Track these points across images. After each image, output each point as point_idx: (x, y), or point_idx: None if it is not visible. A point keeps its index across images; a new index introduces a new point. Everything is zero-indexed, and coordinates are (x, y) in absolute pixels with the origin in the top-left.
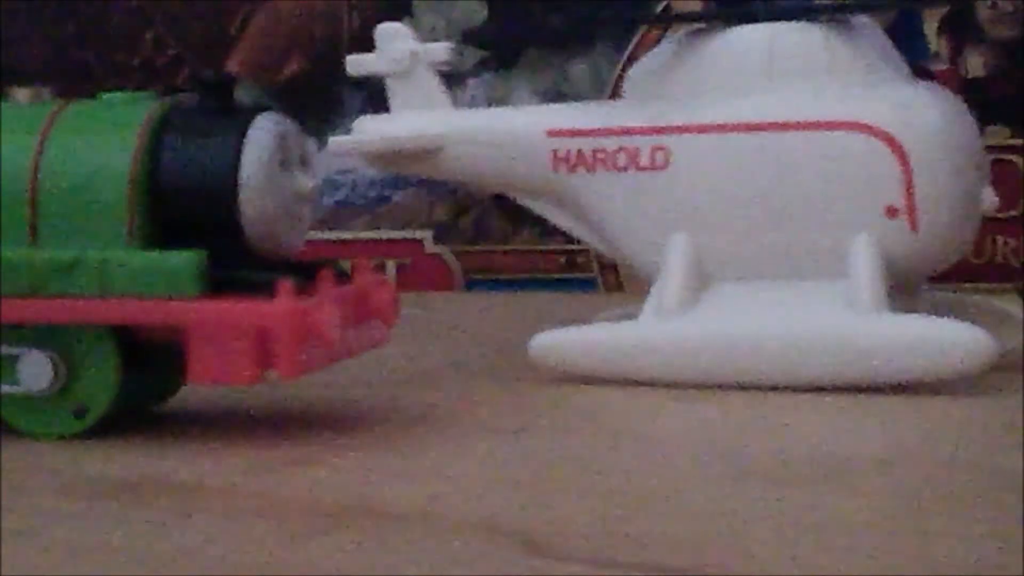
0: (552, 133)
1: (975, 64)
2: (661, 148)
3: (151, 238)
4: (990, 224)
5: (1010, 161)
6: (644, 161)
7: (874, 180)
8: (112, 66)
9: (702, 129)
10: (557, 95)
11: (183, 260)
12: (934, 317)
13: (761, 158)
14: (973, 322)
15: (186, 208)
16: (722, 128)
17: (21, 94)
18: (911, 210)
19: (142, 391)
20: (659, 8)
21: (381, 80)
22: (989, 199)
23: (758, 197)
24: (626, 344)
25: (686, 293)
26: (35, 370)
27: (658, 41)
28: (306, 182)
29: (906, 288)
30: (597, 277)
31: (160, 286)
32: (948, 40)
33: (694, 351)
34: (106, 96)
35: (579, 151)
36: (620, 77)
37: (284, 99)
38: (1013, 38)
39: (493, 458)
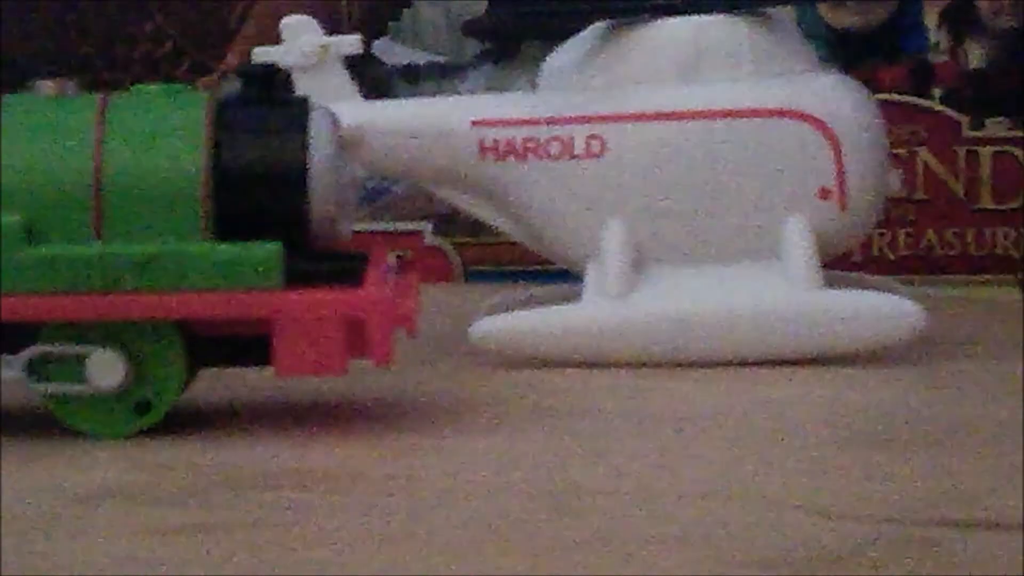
0: (478, 123)
1: (975, 56)
2: (596, 137)
3: (221, 231)
4: (990, 216)
5: (1011, 153)
6: (579, 150)
7: (808, 164)
8: (111, 58)
9: (637, 118)
10: None
11: (266, 252)
12: (867, 291)
13: (697, 145)
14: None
15: (255, 200)
16: (657, 116)
17: (46, 87)
18: (841, 191)
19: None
20: None
21: (380, 71)
22: (895, 182)
23: (694, 183)
24: (574, 326)
25: (627, 276)
26: (105, 368)
27: None
28: (356, 170)
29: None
30: None
31: (243, 279)
32: (948, 32)
33: (644, 331)
34: (140, 87)
35: (508, 141)
36: None
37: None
38: (1014, 30)
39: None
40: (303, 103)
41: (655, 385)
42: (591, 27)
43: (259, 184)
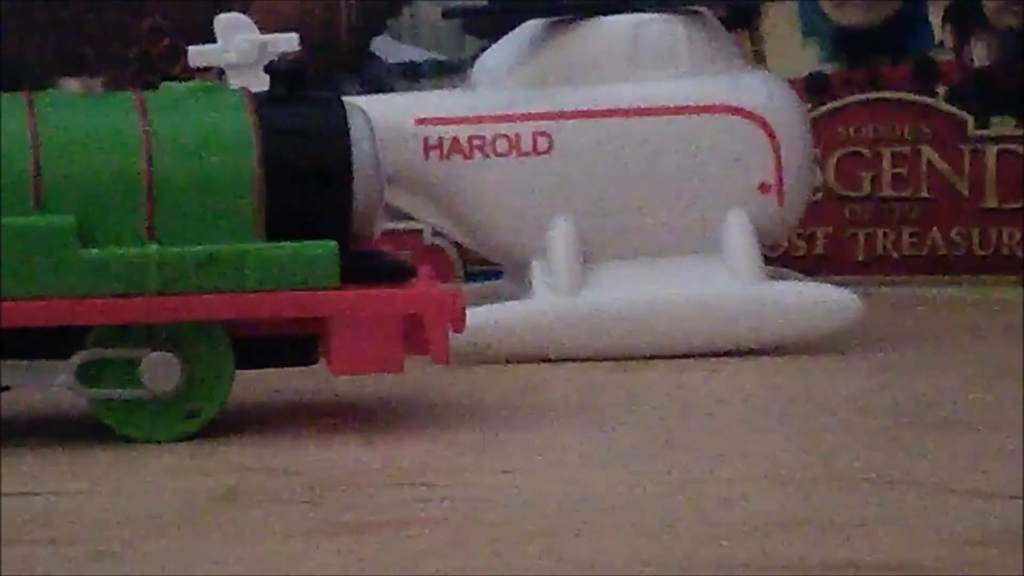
0: (422, 121)
1: (980, 54)
2: (543, 134)
3: (271, 230)
4: (995, 215)
5: (1015, 151)
6: (526, 147)
7: (748, 159)
8: (108, 57)
9: (583, 115)
10: None
11: (323, 250)
12: (806, 282)
13: (641, 142)
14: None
15: (303, 198)
16: (603, 113)
17: (72, 84)
18: (779, 185)
19: None
20: None
21: (375, 71)
22: (819, 175)
23: (639, 179)
24: (527, 323)
25: (576, 272)
26: (161, 372)
27: None
28: (389, 167)
29: None
30: None
31: (301, 278)
32: (953, 29)
33: (596, 326)
34: (169, 85)
35: (454, 138)
36: None
37: None
38: (1019, 27)
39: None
40: (338, 101)
41: (649, 378)
42: (525, 25)
43: (307, 183)
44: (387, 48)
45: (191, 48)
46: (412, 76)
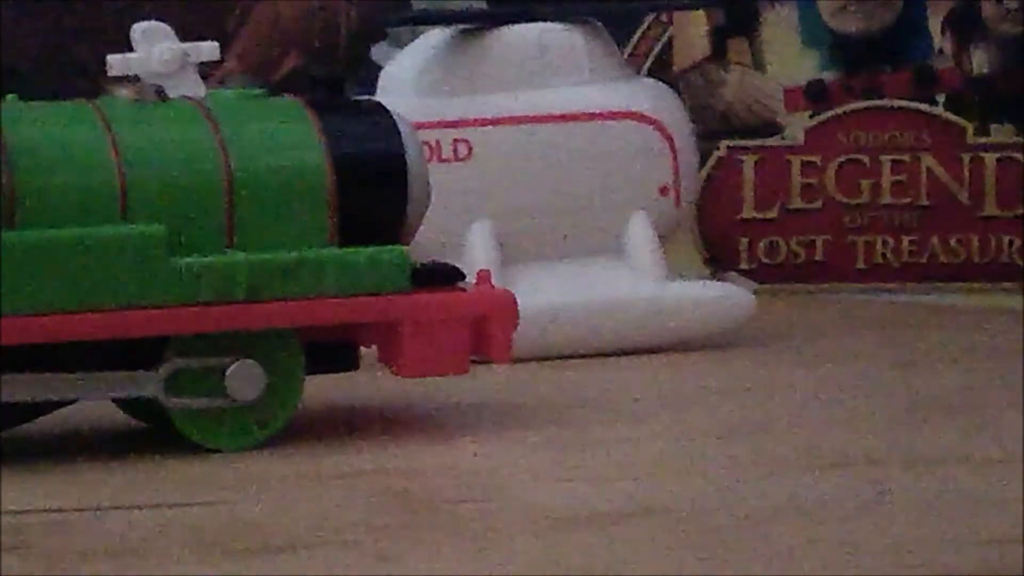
0: None
1: (980, 61)
2: (463, 140)
3: (341, 236)
4: (994, 222)
5: (1015, 159)
6: (446, 153)
7: (650, 163)
8: (106, 61)
9: (500, 121)
10: None
11: (395, 255)
12: (705, 281)
13: (553, 147)
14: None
15: (366, 204)
16: (519, 120)
17: (124, 91)
18: (676, 188)
19: None
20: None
21: (374, 78)
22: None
23: (550, 183)
24: None
25: (495, 275)
26: (245, 381)
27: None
28: (428, 172)
29: None
30: None
31: (376, 282)
32: (952, 37)
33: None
34: (216, 92)
35: None
36: None
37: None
38: (1018, 35)
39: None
40: (381, 107)
41: (613, 375)
42: (427, 35)
43: (370, 188)
44: (387, 55)
45: (111, 57)
46: None
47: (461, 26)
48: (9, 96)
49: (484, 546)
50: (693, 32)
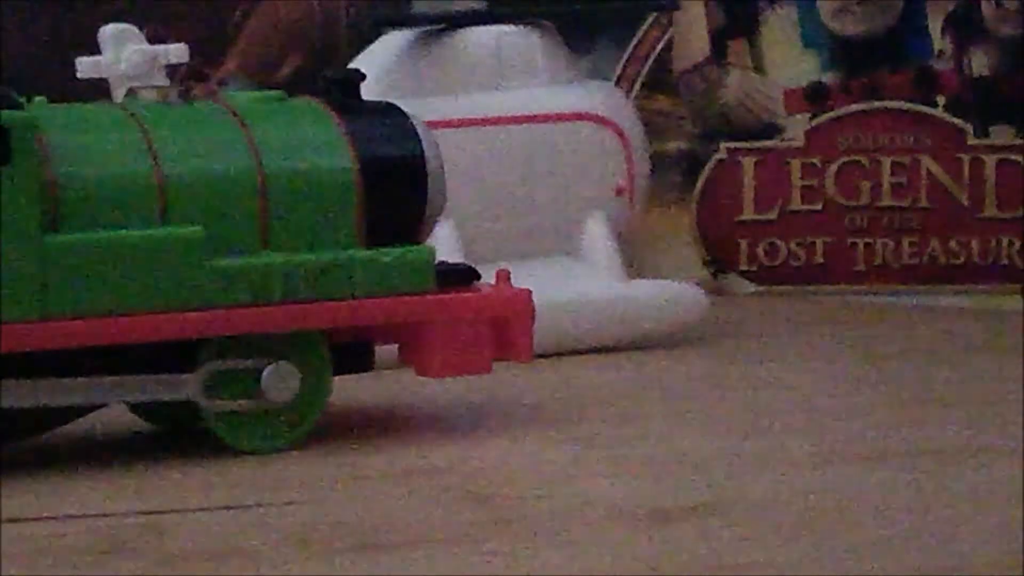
0: None
1: (980, 63)
2: None
3: (368, 237)
4: (994, 224)
5: (1015, 161)
6: None
7: (607, 164)
8: None
9: (458, 123)
10: None
11: (422, 255)
12: (660, 281)
13: (514, 149)
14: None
15: (389, 205)
16: (476, 122)
17: (148, 94)
18: (631, 188)
19: None
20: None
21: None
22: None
23: (508, 185)
24: None
25: None
26: (281, 382)
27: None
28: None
29: None
30: None
31: (404, 283)
32: (952, 39)
33: None
34: (234, 94)
35: None
36: (623, 74)
37: None
38: (1018, 37)
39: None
40: (396, 108)
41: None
42: (384, 38)
43: (393, 189)
44: None
45: (79, 60)
46: None
47: (421, 28)
48: (37, 98)
49: (574, 540)
50: (693, 33)
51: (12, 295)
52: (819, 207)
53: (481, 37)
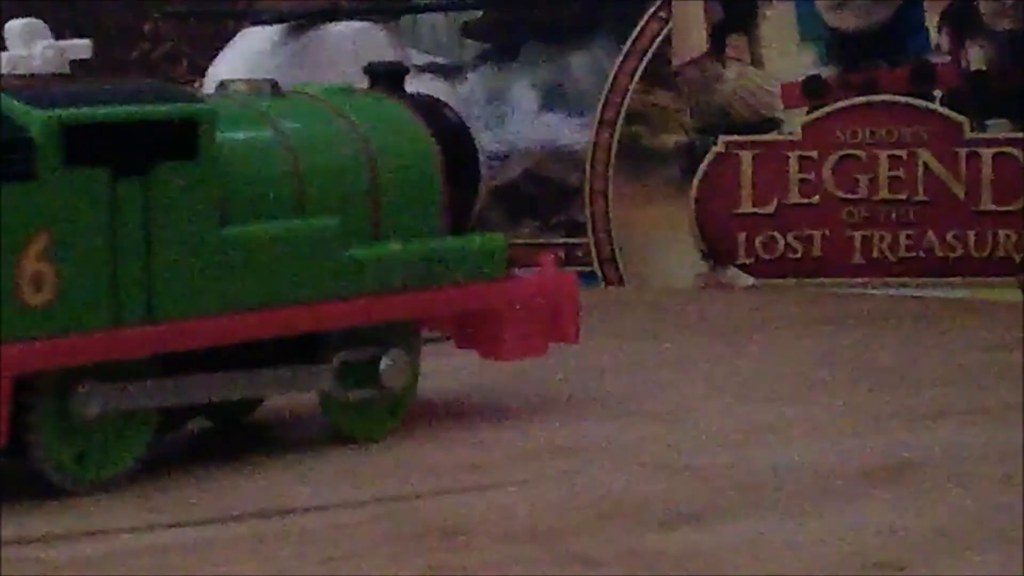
0: None
1: (976, 57)
2: None
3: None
4: (991, 218)
5: (1012, 155)
6: None
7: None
8: (108, 59)
9: None
10: (557, 88)
11: (499, 242)
12: None
13: None
14: None
15: (458, 194)
16: None
17: (238, 86)
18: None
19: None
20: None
21: None
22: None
23: None
24: None
25: None
26: (398, 369)
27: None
28: None
29: None
30: (597, 271)
31: (487, 270)
32: (950, 33)
33: None
34: (307, 84)
35: None
36: (620, 70)
37: None
38: (1015, 31)
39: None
40: (439, 100)
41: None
42: (245, 33)
43: (459, 178)
44: None
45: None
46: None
47: (282, 25)
48: None
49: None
50: (692, 28)
51: (196, 289)
52: (816, 200)
53: (341, 34)
